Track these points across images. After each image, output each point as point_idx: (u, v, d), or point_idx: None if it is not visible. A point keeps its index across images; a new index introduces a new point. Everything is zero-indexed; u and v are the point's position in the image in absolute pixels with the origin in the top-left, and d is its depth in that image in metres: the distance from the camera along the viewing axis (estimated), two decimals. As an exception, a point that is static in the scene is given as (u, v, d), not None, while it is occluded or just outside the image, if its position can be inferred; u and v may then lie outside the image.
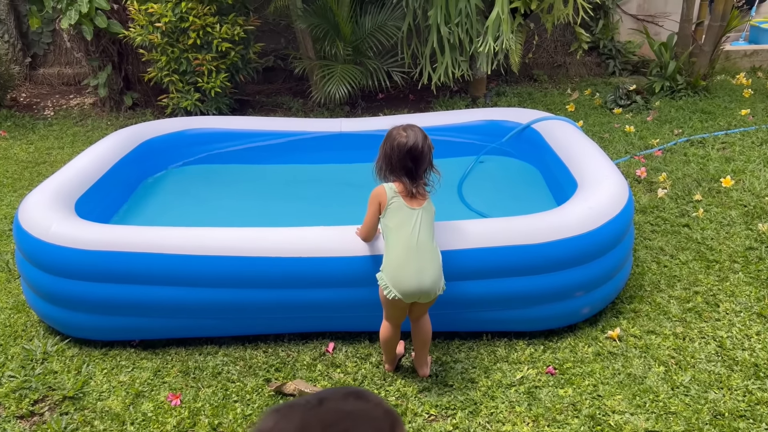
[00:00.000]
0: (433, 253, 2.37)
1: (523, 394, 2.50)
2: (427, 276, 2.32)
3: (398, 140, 2.36)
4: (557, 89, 6.75)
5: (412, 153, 2.34)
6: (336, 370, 2.66)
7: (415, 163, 2.36)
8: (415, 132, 2.38)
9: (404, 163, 2.36)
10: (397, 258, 2.34)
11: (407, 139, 2.35)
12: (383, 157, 2.42)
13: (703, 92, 5.95)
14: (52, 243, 2.72)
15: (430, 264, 2.33)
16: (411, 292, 2.32)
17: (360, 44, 6.01)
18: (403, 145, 2.34)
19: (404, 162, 2.35)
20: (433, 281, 2.33)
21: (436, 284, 2.35)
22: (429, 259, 2.34)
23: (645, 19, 7.24)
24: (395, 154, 2.36)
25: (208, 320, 2.81)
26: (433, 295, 2.37)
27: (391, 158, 2.37)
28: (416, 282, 2.30)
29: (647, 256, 3.39)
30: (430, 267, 2.33)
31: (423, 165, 2.38)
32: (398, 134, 2.38)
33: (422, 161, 2.37)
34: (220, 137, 4.38)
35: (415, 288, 2.31)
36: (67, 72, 7.44)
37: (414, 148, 2.34)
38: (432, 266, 2.34)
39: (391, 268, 2.35)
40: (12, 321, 3.07)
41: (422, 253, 2.33)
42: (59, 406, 2.53)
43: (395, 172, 2.39)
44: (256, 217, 3.60)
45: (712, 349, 2.68)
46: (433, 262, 2.35)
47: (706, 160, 4.51)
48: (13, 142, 5.71)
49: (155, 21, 5.41)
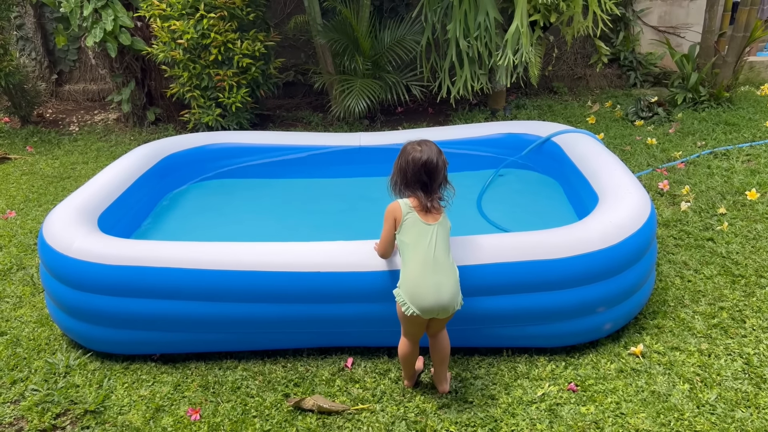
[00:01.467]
0: (450, 268, 2.36)
1: (544, 412, 2.46)
2: (444, 291, 2.30)
3: (413, 155, 2.38)
4: (577, 102, 6.71)
5: (427, 167, 2.36)
6: (355, 386, 2.65)
7: (430, 178, 2.38)
8: (429, 147, 2.40)
9: (419, 178, 2.38)
10: (414, 274, 2.33)
11: (422, 154, 2.37)
12: (398, 171, 2.44)
13: (727, 103, 5.87)
14: (75, 258, 2.75)
15: (447, 279, 2.32)
16: (429, 307, 2.30)
17: (379, 58, 6.04)
18: (417, 159, 2.37)
19: (419, 176, 2.37)
20: (451, 296, 2.32)
21: (454, 299, 2.33)
22: (446, 274, 2.32)
23: (666, 30, 7.19)
24: (410, 169, 2.38)
25: (227, 335, 2.82)
26: (451, 310, 2.35)
27: (406, 173, 2.40)
28: (434, 298, 2.29)
29: (670, 270, 3.34)
30: (447, 282, 2.32)
31: (438, 179, 2.40)
32: (413, 149, 2.40)
33: (437, 176, 2.39)
34: (241, 152, 4.42)
35: (433, 303, 2.29)
36: (91, 88, 7.60)
37: (429, 163, 2.36)
38: (449, 281, 2.32)
39: (409, 284, 2.34)
40: (36, 335, 3.11)
41: (439, 268, 2.32)
42: (81, 420, 2.55)
43: (410, 187, 2.41)
44: (276, 232, 3.62)
45: (739, 367, 2.62)
46: (450, 278, 2.34)
47: (731, 172, 4.44)
48: (39, 158, 5.83)
49: (177, 38, 5.51)
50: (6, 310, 3.32)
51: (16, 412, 2.60)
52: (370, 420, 2.46)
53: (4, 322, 3.21)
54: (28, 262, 3.82)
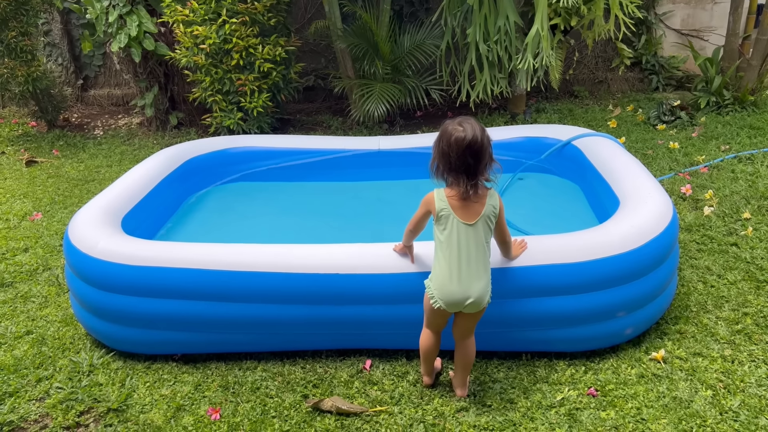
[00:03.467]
0: (482, 270, 2.31)
1: (563, 416, 2.44)
2: (474, 290, 2.28)
3: (455, 136, 2.18)
4: (599, 105, 6.66)
5: (472, 148, 2.17)
6: (373, 388, 2.66)
7: (475, 159, 2.19)
8: (471, 125, 2.20)
9: (464, 160, 2.18)
10: (444, 272, 2.29)
11: (465, 133, 2.17)
12: (440, 155, 2.24)
13: (752, 107, 5.79)
14: (99, 258, 2.80)
15: (477, 282, 2.29)
16: (456, 302, 2.30)
17: (399, 63, 6.06)
18: (461, 140, 2.16)
19: (464, 158, 2.18)
20: (480, 294, 2.29)
21: (482, 299, 2.31)
22: (477, 276, 2.28)
23: (689, 33, 7.11)
24: (453, 151, 2.18)
25: (247, 335, 2.84)
26: (480, 306, 2.33)
27: (449, 156, 2.20)
28: (462, 295, 2.28)
29: (693, 275, 3.29)
30: (477, 281, 2.28)
31: (484, 160, 2.21)
32: (454, 129, 2.19)
33: (482, 155, 2.19)
34: (262, 155, 4.46)
35: (461, 299, 2.29)
36: (116, 93, 7.72)
37: (473, 143, 2.16)
38: (479, 284, 2.29)
39: (439, 280, 2.31)
40: (60, 334, 3.17)
41: (471, 270, 2.27)
42: (104, 417, 2.59)
43: (453, 171, 2.22)
44: (296, 234, 3.64)
45: (763, 373, 2.58)
46: (481, 280, 2.30)
47: (755, 176, 4.37)
48: (65, 161, 5.93)
49: (200, 43, 5.58)
50: (32, 310, 3.38)
51: (41, 410, 2.65)
52: (388, 422, 2.46)
53: (30, 322, 3.27)
54: (53, 263, 3.89)
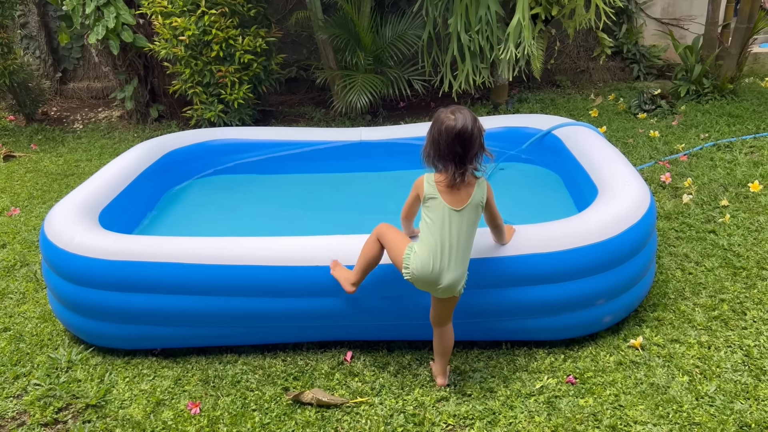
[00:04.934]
0: (463, 256, 2.34)
1: (542, 404, 2.46)
2: (448, 276, 2.31)
3: (446, 124, 2.23)
4: (580, 95, 6.69)
5: (461, 137, 2.22)
6: (354, 379, 2.66)
7: (464, 148, 2.24)
8: (463, 114, 2.24)
9: (452, 148, 2.23)
10: (425, 252, 2.32)
11: (455, 122, 2.22)
12: (431, 142, 2.29)
13: (731, 95, 5.84)
14: (75, 253, 2.77)
15: (455, 265, 2.31)
16: (427, 283, 2.34)
17: (381, 53, 6.04)
18: (451, 129, 2.22)
19: (453, 147, 2.23)
20: (453, 281, 2.33)
21: (456, 285, 2.34)
22: (455, 261, 2.31)
23: (670, 22, 7.15)
24: (443, 139, 2.23)
25: (227, 329, 2.83)
26: (452, 293, 2.36)
27: (439, 143, 2.25)
28: (435, 278, 2.31)
29: (671, 263, 3.33)
30: (454, 268, 2.31)
31: (473, 149, 2.26)
32: (446, 117, 2.25)
33: (472, 145, 2.24)
34: (242, 148, 4.43)
35: (433, 281, 2.32)
36: (95, 86, 7.63)
37: (463, 132, 2.21)
38: (457, 268, 2.32)
39: (418, 258, 2.33)
40: (38, 330, 3.13)
41: (452, 253, 2.30)
42: (82, 414, 2.57)
43: (443, 158, 2.27)
44: (277, 227, 3.63)
45: (739, 359, 2.62)
46: (459, 266, 2.33)
47: (734, 164, 4.41)
48: (44, 155, 5.86)
49: (179, 34, 5.52)
50: (9, 306, 3.35)
51: (18, 407, 2.62)
52: (368, 413, 2.47)
53: (7, 318, 3.24)
54: (31, 259, 3.85)
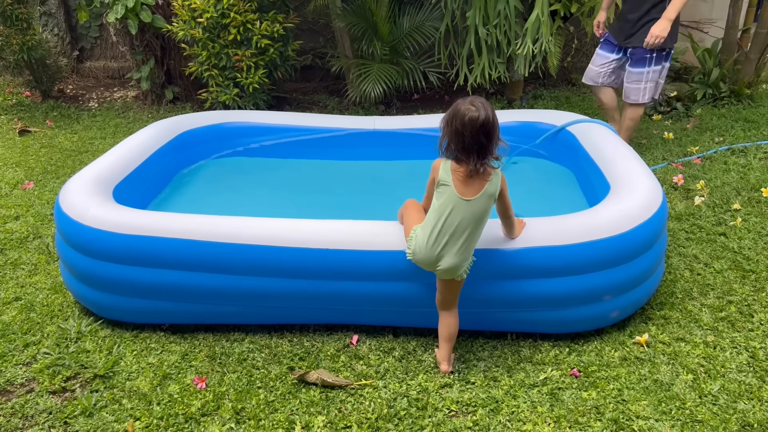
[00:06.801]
0: (466, 244, 2.37)
1: (545, 395, 2.47)
2: (445, 262, 2.38)
3: (469, 116, 2.22)
4: (596, 94, 6.64)
5: (485, 127, 2.23)
6: (359, 362, 2.68)
7: (488, 138, 2.25)
8: (483, 104, 2.25)
9: (477, 139, 2.23)
10: (426, 233, 2.39)
11: (478, 113, 2.22)
12: (453, 134, 2.28)
13: (747, 100, 5.80)
14: (89, 226, 2.80)
15: (455, 252, 2.36)
16: (425, 264, 2.44)
17: (397, 44, 6.03)
18: (475, 119, 2.21)
19: (477, 138, 2.23)
20: (450, 267, 2.39)
21: (454, 270, 2.40)
22: (454, 248, 2.36)
23: (689, 25, 7.09)
24: (467, 131, 2.23)
25: (236, 307, 2.86)
26: (452, 275, 2.42)
27: (463, 135, 2.24)
28: (431, 260, 2.40)
29: (680, 263, 3.32)
30: (452, 255, 2.37)
31: (495, 139, 2.28)
32: (468, 109, 2.23)
33: (494, 135, 2.26)
34: (256, 131, 4.44)
35: (430, 263, 2.41)
36: (112, 65, 7.66)
37: (486, 122, 2.22)
38: (456, 255, 2.37)
39: (420, 238, 2.42)
40: (49, 301, 3.17)
41: (452, 240, 2.35)
42: (90, 383, 2.61)
43: (465, 150, 2.27)
44: (288, 210, 3.64)
45: (744, 360, 2.62)
46: (459, 253, 2.37)
47: (747, 169, 4.39)
48: (59, 132, 5.90)
49: (197, 16, 5.54)
50: (21, 277, 3.39)
51: (28, 374, 2.66)
52: (372, 395, 2.49)
53: (19, 288, 3.28)
54: (44, 231, 3.89)
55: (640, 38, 4.21)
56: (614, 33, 4.45)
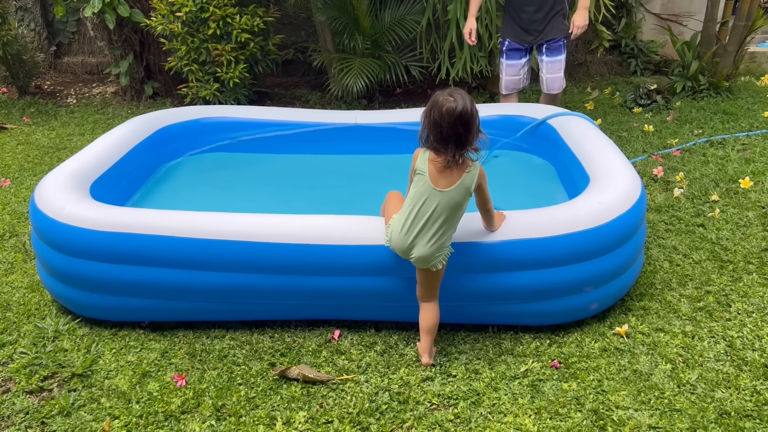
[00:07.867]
0: (439, 234, 2.39)
1: (526, 387, 2.48)
2: (417, 250, 2.41)
3: (447, 106, 2.25)
4: (577, 87, 6.69)
5: (463, 117, 2.25)
6: (341, 357, 2.68)
7: (466, 129, 2.27)
8: (461, 95, 2.27)
9: (455, 130, 2.26)
10: (400, 221, 2.45)
11: (456, 104, 2.24)
12: (431, 125, 2.30)
13: (726, 93, 5.86)
14: (65, 223, 2.76)
15: (427, 241, 2.39)
16: (400, 251, 2.48)
17: (379, 38, 6.02)
18: (452, 110, 2.24)
19: (455, 129, 2.26)
20: (423, 256, 2.41)
21: (427, 260, 2.43)
22: (426, 237, 2.39)
23: (669, 18, 7.15)
24: (445, 122, 2.25)
25: (216, 304, 2.83)
26: (426, 265, 2.45)
27: (441, 126, 2.26)
28: (404, 248, 2.44)
29: (660, 254, 3.35)
30: (425, 244, 2.40)
31: (473, 130, 2.30)
32: (445, 100, 2.26)
33: (472, 125, 2.28)
34: (236, 126, 4.40)
35: (404, 251, 2.45)
36: (90, 61, 7.56)
37: (464, 112, 2.24)
38: (428, 245, 2.39)
39: (395, 226, 2.48)
40: (26, 300, 3.13)
41: (425, 229, 2.38)
42: (68, 383, 2.58)
43: (443, 141, 2.29)
44: (268, 204, 3.61)
45: (722, 349, 2.65)
46: (431, 243, 2.39)
47: (726, 160, 4.44)
48: (36, 128, 5.82)
49: (176, 10, 5.47)
50: (-3, 276, 3.34)
51: (4, 374, 2.62)
52: (354, 390, 2.48)
53: (-5, 287, 3.23)
54: (20, 230, 3.83)
55: (554, 29, 4.41)
56: (519, 37, 4.49)
